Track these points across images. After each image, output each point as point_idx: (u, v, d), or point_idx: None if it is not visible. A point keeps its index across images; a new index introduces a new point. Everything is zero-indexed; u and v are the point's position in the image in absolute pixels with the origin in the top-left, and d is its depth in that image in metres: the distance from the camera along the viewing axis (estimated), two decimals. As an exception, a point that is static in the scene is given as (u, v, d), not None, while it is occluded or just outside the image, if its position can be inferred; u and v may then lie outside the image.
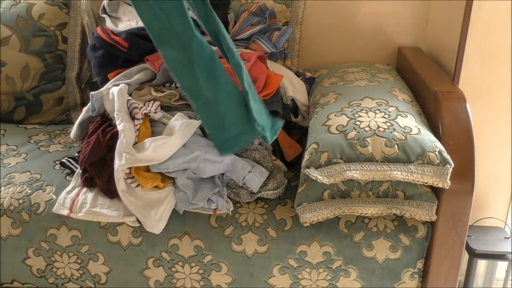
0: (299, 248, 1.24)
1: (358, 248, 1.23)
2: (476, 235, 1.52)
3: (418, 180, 1.14)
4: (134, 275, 1.30)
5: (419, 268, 1.25)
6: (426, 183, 1.15)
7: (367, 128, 1.18)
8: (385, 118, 1.22)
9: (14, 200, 1.31)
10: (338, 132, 1.19)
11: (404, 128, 1.18)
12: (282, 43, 1.60)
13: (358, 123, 1.20)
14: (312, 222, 1.20)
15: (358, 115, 1.23)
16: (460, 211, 1.18)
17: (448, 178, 1.13)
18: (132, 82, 1.41)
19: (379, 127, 1.18)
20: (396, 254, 1.23)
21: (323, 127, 1.23)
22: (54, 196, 1.32)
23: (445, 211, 1.18)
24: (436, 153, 1.14)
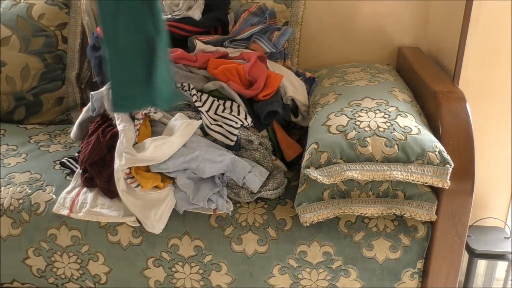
0: (299, 248, 1.24)
1: (358, 248, 1.23)
2: (476, 235, 1.52)
3: (418, 180, 1.14)
4: (134, 275, 1.30)
5: (419, 268, 1.25)
6: (426, 183, 1.15)
7: (367, 128, 1.18)
8: (385, 118, 1.22)
9: (14, 200, 1.31)
10: (338, 132, 1.19)
11: (404, 128, 1.18)
12: (282, 43, 1.60)
13: (358, 123, 1.20)
14: (312, 222, 1.20)
15: (358, 115, 1.23)
16: (460, 211, 1.18)
17: (448, 178, 1.13)
18: (132, 82, 1.41)
19: (379, 127, 1.18)
20: (396, 254, 1.23)
21: (323, 127, 1.23)
22: (54, 196, 1.32)
23: (445, 211, 1.18)
24: (436, 153, 1.14)
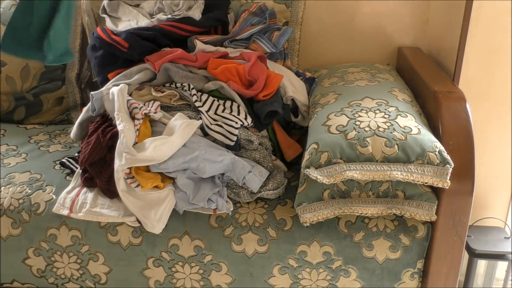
0: (299, 248, 1.24)
1: (358, 248, 1.23)
2: (476, 235, 1.51)
3: (418, 180, 1.14)
4: (134, 275, 1.30)
5: (419, 268, 1.25)
6: (426, 183, 1.14)
7: (367, 128, 1.18)
8: (385, 118, 1.22)
9: (14, 200, 1.31)
10: (338, 132, 1.19)
11: (404, 128, 1.18)
12: (282, 43, 1.60)
13: (358, 123, 1.20)
14: (312, 222, 1.20)
15: (358, 115, 1.23)
16: (460, 211, 1.18)
17: (448, 178, 1.13)
18: (132, 82, 1.41)
19: (379, 127, 1.18)
20: (396, 254, 1.23)
21: (323, 127, 1.23)
22: (54, 196, 1.32)
23: (445, 211, 1.18)
24: (436, 153, 1.14)
